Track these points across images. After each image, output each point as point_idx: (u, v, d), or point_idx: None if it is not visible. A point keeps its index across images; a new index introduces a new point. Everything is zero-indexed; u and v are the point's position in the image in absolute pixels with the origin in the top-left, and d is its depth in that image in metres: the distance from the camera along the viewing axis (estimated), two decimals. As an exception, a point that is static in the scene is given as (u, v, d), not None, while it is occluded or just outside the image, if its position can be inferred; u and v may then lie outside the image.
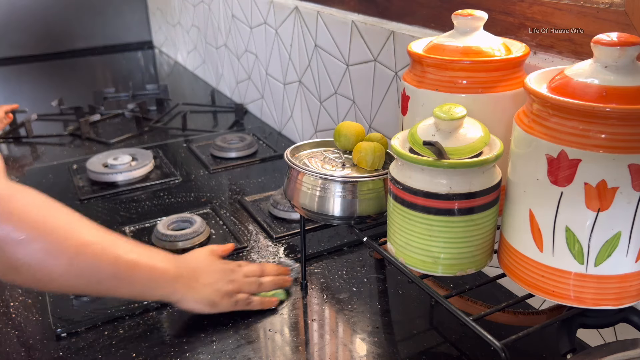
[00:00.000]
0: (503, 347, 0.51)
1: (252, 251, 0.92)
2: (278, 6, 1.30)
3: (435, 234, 0.57)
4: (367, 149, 0.70)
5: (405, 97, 0.68)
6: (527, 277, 0.55)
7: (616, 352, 0.51)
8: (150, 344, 0.73)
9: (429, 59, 0.64)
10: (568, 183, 0.49)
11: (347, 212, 0.70)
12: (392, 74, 0.95)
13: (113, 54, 2.40)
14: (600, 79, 0.49)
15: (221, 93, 1.80)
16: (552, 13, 0.69)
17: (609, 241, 0.50)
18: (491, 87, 0.62)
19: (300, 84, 1.29)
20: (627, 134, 0.46)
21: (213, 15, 1.73)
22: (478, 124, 0.58)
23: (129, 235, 0.96)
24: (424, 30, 0.90)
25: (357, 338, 0.73)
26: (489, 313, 0.58)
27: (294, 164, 0.72)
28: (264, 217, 1.01)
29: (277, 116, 1.46)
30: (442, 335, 0.74)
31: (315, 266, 0.88)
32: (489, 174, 0.56)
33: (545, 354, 0.70)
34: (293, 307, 0.79)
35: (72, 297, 0.81)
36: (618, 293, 0.52)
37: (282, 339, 0.73)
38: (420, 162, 0.55)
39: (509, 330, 0.58)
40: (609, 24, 0.63)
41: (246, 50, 1.55)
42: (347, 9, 1.08)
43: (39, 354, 0.72)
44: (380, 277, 0.86)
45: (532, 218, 0.53)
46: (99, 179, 1.17)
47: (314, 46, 1.18)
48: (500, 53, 0.63)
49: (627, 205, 0.48)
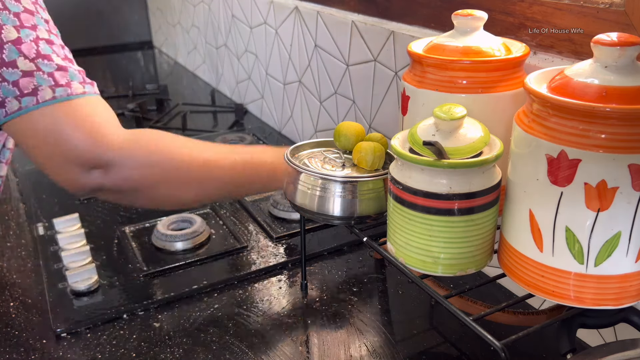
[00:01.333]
0: (503, 347, 0.51)
1: (252, 251, 0.92)
2: (278, 6, 1.30)
3: (435, 234, 0.57)
4: (367, 149, 0.70)
5: (405, 97, 0.68)
6: (527, 277, 0.55)
7: (616, 352, 0.51)
8: (151, 344, 0.73)
9: (429, 59, 0.64)
10: (568, 183, 0.49)
11: (347, 212, 0.70)
12: (392, 74, 0.95)
13: (113, 54, 2.39)
14: (600, 79, 0.49)
15: (221, 93, 1.80)
16: (552, 13, 0.69)
17: (609, 241, 0.50)
18: (491, 87, 0.62)
19: (300, 84, 1.29)
20: (627, 134, 0.46)
21: (213, 15, 1.73)
22: (478, 124, 0.58)
23: (129, 236, 0.96)
24: (424, 30, 0.90)
25: (357, 338, 0.73)
26: (489, 313, 0.58)
27: (294, 164, 0.72)
28: (264, 217, 1.01)
29: (277, 116, 1.46)
30: (442, 335, 0.74)
31: (315, 266, 0.88)
32: (489, 174, 0.56)
33: (545, 354, 0.70)
34: (293, 307, 0.79)
35: (72, 297, 0.81)
36: (618, 293, 0.52)
37: (281, 339, 0.73)
38: (420, 162, 0.55)
39: (509, 330, 0.58)
40: (609, 24, 0.63)
41: (246, 50, 1.55)
42: (347, 9, 1.08)
43: (39, 354, 0.72)
44: (380, 277, 0.86)
45: (532, 218, 0.53)
46: (99, 179, 1.17)
47: (314, 46, 1.18)
48: (500, 53, 0.63)
49: (627, 205, 0.48)
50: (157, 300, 0.80)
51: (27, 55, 0.65)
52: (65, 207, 1.06)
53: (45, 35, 0.67)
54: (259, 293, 0.83)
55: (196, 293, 0.83)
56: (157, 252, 0.92)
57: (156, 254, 0.91)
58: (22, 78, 0.64)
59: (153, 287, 0.83)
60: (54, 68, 0.66)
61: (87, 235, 0.95)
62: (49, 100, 0.66)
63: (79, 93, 0.67)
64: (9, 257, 0.93)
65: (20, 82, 0.64)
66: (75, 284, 0.82)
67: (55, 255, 0.90)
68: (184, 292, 0.82)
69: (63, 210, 1.05)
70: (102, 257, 0.91)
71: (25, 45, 0.65)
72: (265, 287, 0.84)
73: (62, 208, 1.06)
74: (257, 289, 0.84)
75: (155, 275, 0.86)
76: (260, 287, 0.84)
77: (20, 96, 0.65)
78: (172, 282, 0.84)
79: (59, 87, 0.66)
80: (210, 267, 0.88)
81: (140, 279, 0.85)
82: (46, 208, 1.07)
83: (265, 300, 0.81)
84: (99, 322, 0.77)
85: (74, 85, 0.67)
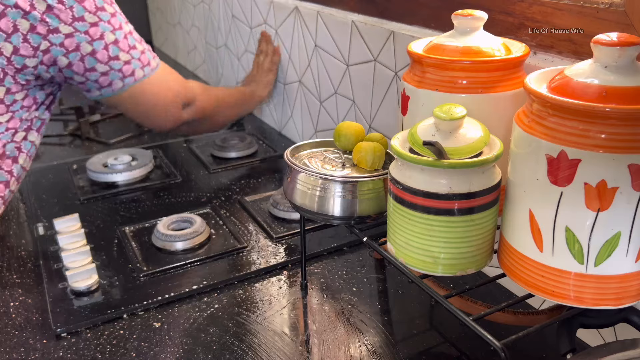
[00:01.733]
0: (503, 347, 0.51)
1: (252, 251, 0.92)
2: (278, 6, 1.30)
3: (435, 234, 0.57)
4: (367, 149, 0.70)
5: (405, 97, 0.68)
6: (527, 277, 0.55)
7: (616, 352, 0.51)
8: (151, 344, 0.73)
9: (428, 59, 0.64)
10: (568, 183, 0.49)
11: (347, 212, 0.70)
12: (392, 74, 0.95)
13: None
14: (600, 79, 0.49)
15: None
16: (552, 13, 0.69)
17: (609, 241, 0.50)
18: (491, 87, 0.62)
19: (300, 84, 1.29)
20: (627, 134, 0.46)
21: (213, 15, 1.73)
22: (478, 124, 0.58)
23: (129, 236, 0.96)
24: (424, 30, 0.90)
25: (357, 338, 0.73)
26: (489, 313, 0.58)
27: (294, 164, 0.72)
28: (264, 217, 1.01)
29: (277, 116, 1.46)
30: (442, 335, 0.74)
31: (315, 266, 0.88)
32: (488, 174, 0.56)
33: (545, 354, 0.70)
34: (293, 307, 0.79)
35: (72, 297, 0.81)
36: (618, 293, 0.52)
37: (281, 339, 0.73)
38: (420, 162, 0.55)
39: (509, 330, 0.58)
40: (609, 24, 0.63)
41: (246, 50, 1.55)
42: (347, 9, 1.08)
43: (39, 354, 0.72)
44: (380, 277, 0.86)
45: (532, 218, 0.53)
46: (99, 179, 1.17)
47: (314, 46, 1.18)
48: (500, 53, 0.63)
49: (627, 205, 0.48)
50: (157, 300, 0.80)
51: (123, 49, 0.92)
52: (65, 207, 1.07)
53: (127, 29, 0.94)
54: (259, 293, 0.83)
55: (196, 293, 0.83)
56: (157, 252, 0.92)
57: (156, 254, 0.91)
58: (124, 66, 0.93)
59: (153, 287, 0.83)
60: (140, 53, 0.96)
61: (87, 235, 0.95)
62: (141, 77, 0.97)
63: (154, 67, 0.99)
64: (9, 257, 0.93)
65: (123, 69, 0.93)
66: (75, 284, 0.82)
67: (55, 255, 0.90)
68: (184, 292, 0.82)
69: (63, 210, 1.05)
70: (102, 257, 0.91)
71: (122, 43, 0.92)
72: (265, 287, 0.84)
73: (62, 208, 1.06)
74: (257, 289, 0.84)
75: (155, 275, 0.86)
76: (260, 287, 0.84)
77: (123, 77, 0.94)
78: (172, 282, 0.84)
79: (146, 67, 0.97)
80: (210, 267, 0.88)
81: (140, 279, 0.85)
82: (46, 208, 1.07)
83: (265, 300, 0.81)
84: (99, 322, 0.77)
85: (152, 63, 0.99)
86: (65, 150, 1.38)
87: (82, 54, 0.88)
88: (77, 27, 0.85)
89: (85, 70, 0.90)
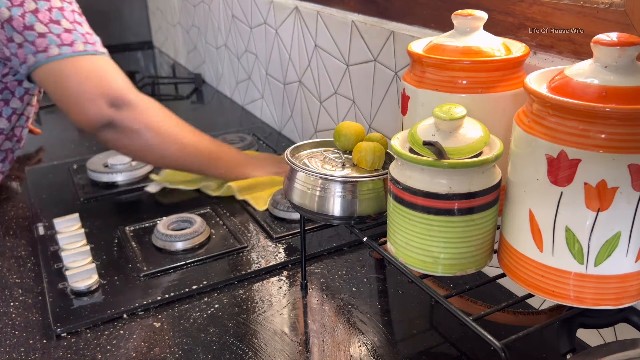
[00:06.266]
0: (503, 347, 0.51)
1: (252, 251, 0.92)
2: (278, 6, 1.30)
3: (435, 234, 0.57)
4: (367, 149, 0.70)
5: (405, 97, 0.68)
6: (527, 277, 0.55)
7: (616, 352, 0.51)
8: (151, 344, 0.73)
9: (428, 59, 0.64)
10: (568, 183, 0.49)
11: (347, 212, 0.70)
12: (392, 74, 0.95)
13: (113, 54, 2.38)
14: (600, 79, 0.49)
15: (221, 93, 1.80)
16: (552, 13, 0.69)
17: (609, 241, 0.50)
18: (491, 87, 0.62)
19: (300, 84, 1.29)
20: (627, 134, 0.46)
21: (213, 15, 1.73)
22: (478, 124, 0.58)
23: (129, 236, 0.96)
24: (424, 30, 0.90)
25: (357, 338, 0.73)
26: (489, 313, 0.58)
27: (293, 164, 0.72)
28: (264, 217, 1.01)
29: (277, 116, 1.46)
30: (442, 335, 0.74)
31: (315, 266, 0.88)
32: (489, 174, 0.56)
33: (545, 354, 0.70)
34: (293, 307, 0.79)
35: (72, 297, 0.81)
36: (618, 293, 0.52)
37: (281, 339, 0.73)
38: (420, 162, 0.55)
39: (509, 330, 0.58)
40: (609, 24, 0.63)
41: (246, 50, 1.55)
42: (347, 9, 1.08)
43: (39, 354, 0.72)
44: (380, 277, 0.86)
45: (532, 218, 0.53)
46: (99, 179, 1.17)
47: (314, 46, 1.18)
48: (500, 53, 0.63)
49: (626, 205, 0.48)
50: (157, 300, 0.80)
51: (42, 20, 0.87)
52: (65, 207, 1.06)
53: (57, 4, 0.89)
54: (259, 293, 0.83)
55: (196, 293, 0.83)
56: (157, 252, 0.92)
57: (156, 254, 0.91)
58: (37, 38, 0.87)
59: (153, 287, 0.83)
60: (63, 31, 0.88)
61: (87, 235, 0.95)
62: (55, 55, 0.89)
63: (79, 50, 0.90)
64: (9, 257, 0.93)
65: (36, 42, 0.87)
66: (75, 284, 0.82)
67: (55, 255, 0.90)
68: (184, 292, 0.82)
69: (63, 210, 1.05)
70: (102, 257, 0.91)
71: (41, 14, 0.86)
72: (265, 287, 0.84)
73: (62, 208, 1.06)
74: (257, 289, 0.84)
75: (155, 275, 0.86)
76: (260, 287, 0.84)
77: (35, 52, 0.88)
78: (172, 282, 0.84)
79: (64, 46, 0.89)
80: (210, 267, 0.88)
81: (140, 279, 0.85)
82: (46, 208, 1.07)
83: (265, 300, 0.81)
84: (99, 322, 0.77)
85: (77, 45, 0.90)
86: (65, 150, 1.38)
87: (1, 21, 0.86)
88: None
89: (7, 40, 0.88)
